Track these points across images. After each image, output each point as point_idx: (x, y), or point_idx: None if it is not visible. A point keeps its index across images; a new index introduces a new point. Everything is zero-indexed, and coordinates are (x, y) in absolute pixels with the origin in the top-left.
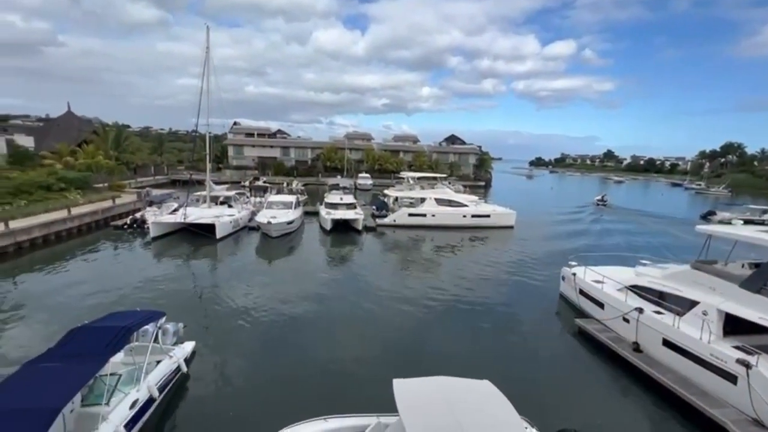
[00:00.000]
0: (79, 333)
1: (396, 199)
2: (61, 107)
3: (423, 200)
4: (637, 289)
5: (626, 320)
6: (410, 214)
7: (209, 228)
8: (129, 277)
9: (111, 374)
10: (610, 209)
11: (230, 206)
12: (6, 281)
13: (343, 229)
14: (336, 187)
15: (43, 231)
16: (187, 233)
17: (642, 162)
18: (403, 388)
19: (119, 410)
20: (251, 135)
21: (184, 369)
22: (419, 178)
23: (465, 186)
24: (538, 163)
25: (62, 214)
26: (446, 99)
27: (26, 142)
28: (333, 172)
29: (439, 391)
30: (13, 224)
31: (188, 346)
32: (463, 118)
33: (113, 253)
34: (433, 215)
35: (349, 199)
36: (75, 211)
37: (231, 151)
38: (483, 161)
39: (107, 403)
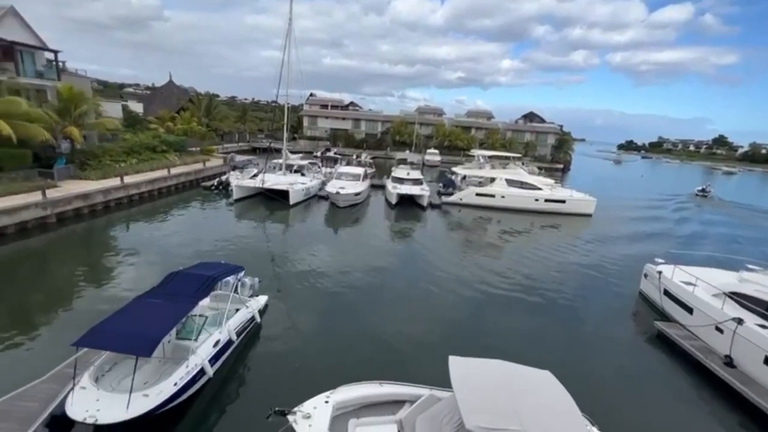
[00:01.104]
0: (175, 277)
1: (464, 177)
2: (164, 77)
3: (493, 180)
4: (739, 297)
5: (719, 330)
6: (478, 194)
7: (283, 194)
8: (214, 233)
9: (199, 315)
10: (713, 202)
11: (303, 175)
12: (120, 227)
13: (407, 204)
14: (404, 161)
15: (149, 187)
16: (264, 197)
17: (764, 151)
18: (458, 365)
19: (205, 346)
20: (325, 107)
21: (258, 319)
22: (491, 157)
23: (540, 168)
24: (628, 146)
25: (163, 173)
26: (527, 73)
27: (137, 108)
28: (401, 146)
29: (495, 374)
30: (127, 179)
31: (262, 300)
32: (545, 95)
33: (201, 210)
34: (503, 196)
35: (416, 174)
36: (173, 171)
37: (306, 122)
38: (563, 142)
39: (195, 339)
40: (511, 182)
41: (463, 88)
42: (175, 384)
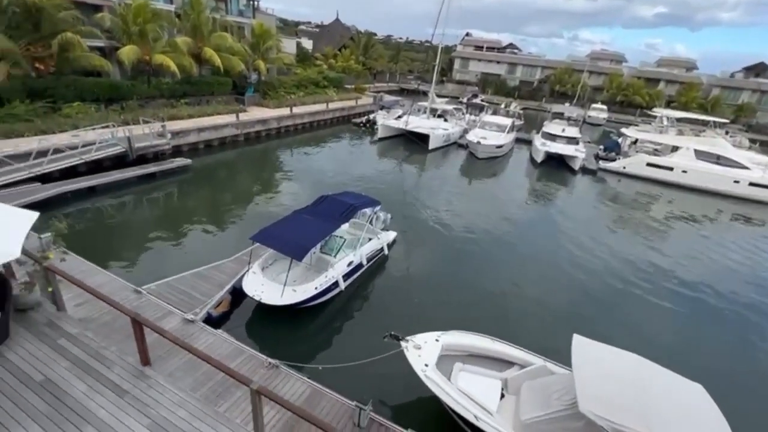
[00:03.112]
0: (325, 200)
1: (635, 141)
2: (332, 15)
3: (676, 149)
4: None
5: None
6: (650, 164)
7: (423, 138)
8: (357, 166)
9: (339, 237)
10: None
11: (446, 120)
12: (285, 150)
13: (555, 164)
14: (560, 115)
15: (310, 118)
16: (405, 139)
17: None
18: (582, 345)
19: (341, 264)
20: (480, 48)
21: (386, 252)
22: (680, 120)
23: (755, 141)
24: None
25: (323, 106)
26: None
27: (307, 44)
28: (561, 98)
29: (624, 366)
30: (295, 110)
31: (391, 235)
32: None
33: (349, 144)
34: (684, 171)
35: (572, 131)
36: (330, 105)
37: (456, 64)
38: None
39: (335, 256)
40: (701, 154)
41: (661, 29)
42: (316, 288)
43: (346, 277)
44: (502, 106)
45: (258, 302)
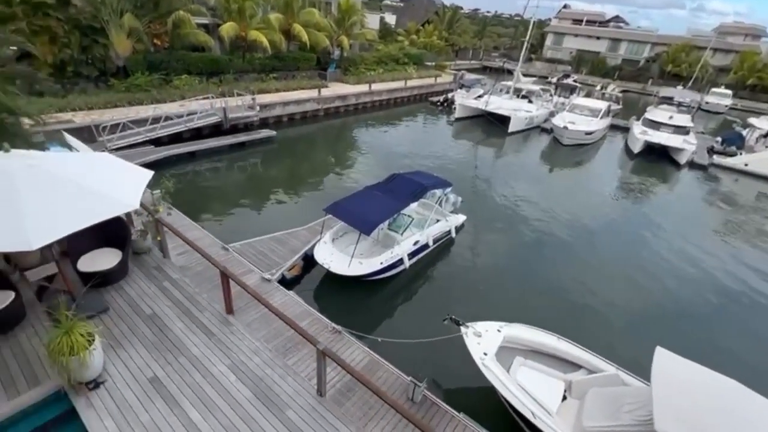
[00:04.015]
0: (396, 178)
1: (766, 134)
2: None
3: None
4: None
5: None
6: None
7: (504, 119)
8: (430, 146)
9: (407, 215)
10: None
11: (530, 101)
12: (361, 127)
13: (656, 157)
14: (668, 100)
15: (387, 96)
16: (483, 120)
17: None
18: (665, 359)
19: (407, 242)
20: (578, 22)
21: (453, 235)
22: None
23: None
24: None
25: (401, 84)
26: None
27: (390, 20)
28: (672, 80)
29: (715, 389)
30: (373, 86)
31: (460, 218)
32: None
33: (424, 124)
34: None
35: (682, 120)
36: (409, 83)
37: (549, 40)
38: None
39: (401, 234)
40: None
41: None
42: (381, 263)
43: (411, 255)
44: (598, 87)
45: (327, 270)
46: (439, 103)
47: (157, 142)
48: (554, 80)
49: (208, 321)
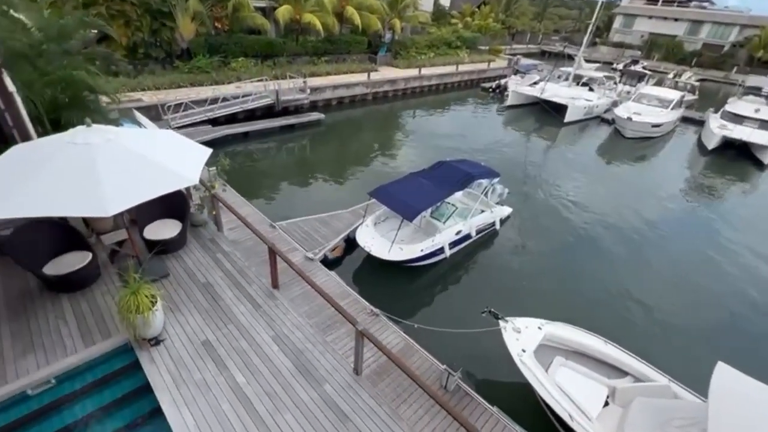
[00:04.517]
0: (442, 165)
1: None
2: None
3: None
4: None
5: None
6: None
7: (560, 108)
8: (479, 135)
9: (451, 204)
10: None
11: (591, 89)
12: (408, 112)
13: (734, 154)
14: (756, 91)
15: (437, 81)
16: (537, 109)
17: None
18: (728, 376)
19: (449, 231)
20: (653, 1)
21: (497, 227)
22: None
23: None
24: None
25: (452, 69)
26: None
27: (444, 1)
28: (762, 68)
29: None
30: (423, 71)
31: (506, 210)
32: None
33: (473, 111)
34: None
35: None
36: (460, 68)
37: (617, 23)
38: None
39: (444, 223)
40: None
41: None
42: (422, 250)
43: (452, 245)
44: (671, 75)
45: (367, 254)
46: (490, 90)
47: (215, 121)
48: (620, 67)
49: (255, 293)
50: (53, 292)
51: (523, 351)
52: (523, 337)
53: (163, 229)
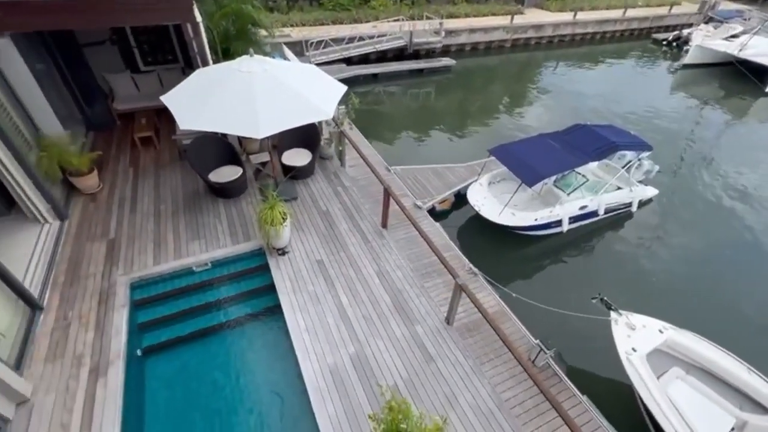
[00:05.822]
0: (579, 129)
1: None
2: None
3: None
4: None
5: None
6: None
7: (764, 72)
8: (635, 99)
9: (581, 175)
10: None
11: None
12: (550, 64)
13: None
14: None
15: (595, 28)
16: (729, 71)
17: None
18: None
19: (572, 204)
20: None
21: (634, 209)
22: None
23: None
24: None
25: (617, 13)
26: None
27: None
28: None
29: None
30: (580, 15)
31: (650, 192)
32: None
33: (634, 68)
34: None
35: None
36: (629, 13)
37: None
38: None
39: (568, 194)
40: None
41: None
42: (536, 219)
43: (573, 220)
44: None
45: (476, 213)
46: (665, 42)
47: (348, 60)
48: None
49: (366, 229)
50: (214, 196)
51: (634, 350)
52: (636, 335)
53: (297, 157)
